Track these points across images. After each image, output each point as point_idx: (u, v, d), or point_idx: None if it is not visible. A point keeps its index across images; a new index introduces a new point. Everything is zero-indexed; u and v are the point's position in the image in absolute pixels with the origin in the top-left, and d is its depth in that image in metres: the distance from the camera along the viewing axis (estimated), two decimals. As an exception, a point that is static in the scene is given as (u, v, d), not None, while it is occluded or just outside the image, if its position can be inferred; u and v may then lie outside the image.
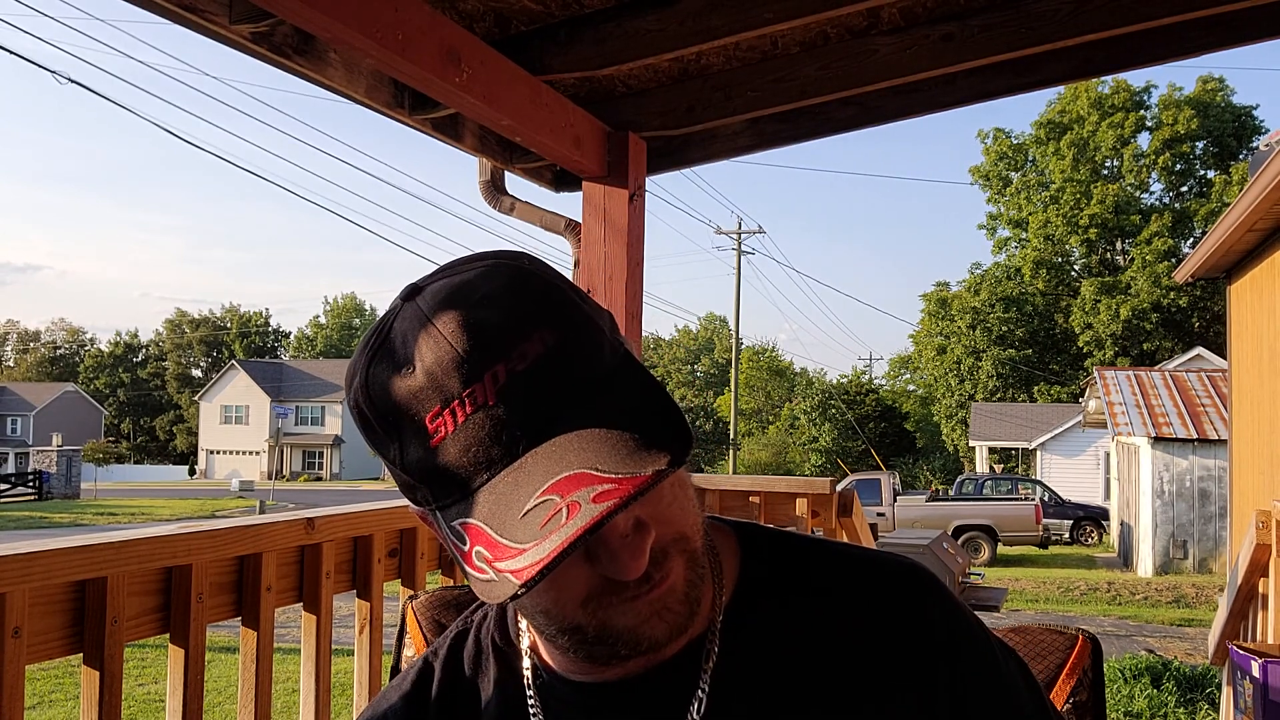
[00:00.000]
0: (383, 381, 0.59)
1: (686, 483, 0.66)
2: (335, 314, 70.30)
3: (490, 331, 0.57)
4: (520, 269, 0.62)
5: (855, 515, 2.90)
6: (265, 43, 1.69)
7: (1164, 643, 8.76)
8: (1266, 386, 7.23)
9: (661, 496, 0.63)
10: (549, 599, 0.62)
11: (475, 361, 0.56)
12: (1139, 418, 14.64)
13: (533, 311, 0.59)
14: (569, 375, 0.58)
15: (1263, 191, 6.18)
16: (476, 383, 0.56)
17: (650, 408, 0.59)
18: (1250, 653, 2.59)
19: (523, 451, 0.56)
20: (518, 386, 0.56)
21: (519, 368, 0.56)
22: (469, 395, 0.56)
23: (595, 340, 0.60)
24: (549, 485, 0.54)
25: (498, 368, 0.56)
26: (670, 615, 0.63)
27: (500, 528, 0.55)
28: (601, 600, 0.62)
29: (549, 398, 0.57)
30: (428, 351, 0.57)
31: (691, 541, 0.65)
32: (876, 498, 15.56)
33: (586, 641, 0.64)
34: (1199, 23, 2.16)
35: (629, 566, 0.60)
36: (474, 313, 0.58)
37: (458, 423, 0.56)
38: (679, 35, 1.98)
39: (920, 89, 2.41)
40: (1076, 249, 34.65)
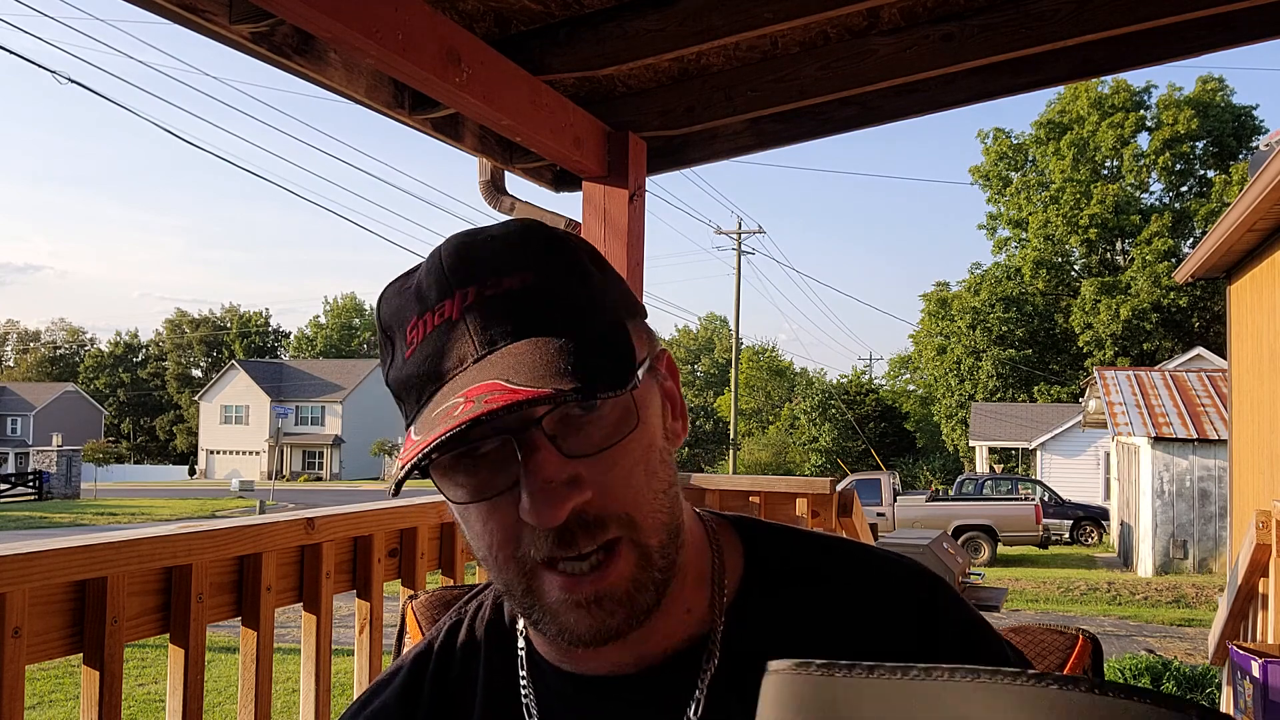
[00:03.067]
0: (388, 294, 0.66)
1: (655, 470, 0.63)
2: (335, 314, 70.31)
3: (476, 261, 0.62)
4: (537, 226, 0.65)
5: (855, 515, 2.90)
6: (265, 43, 1.69)
7: (1164, 643, 8.76)
8: (1266, 386, 7.23)
9: (612, 464, 0.60)
10: (487, 534, 0.61)
11: (453, 280, 0.62)
12: (1139, 418, 14.64)
13: (522, 256, 0.63)
14: (533, 311, 0.61)
15: (1263, 191, 6.18)
16: (448, 298, 0.61)
17: (595, 348, 0.59)
18: (1250, 653, 2.59)
19: (468, 366, 0.59)
20: (481, 306, 0.60)
21: (488, 293, 0.61)
22: (439, 308, 0.61)
23: (581, 302, 0.62)
24: (463, 390, 0.57)
25: (470, 289, 0.61)
26: (598, 613, 0.60)
27: (418, 430, 0.59)
28: (532, 559, 0.60)
29: (506, 323, 0.60)
30: (425, 271, 0.64)
31: (643, 533, 0.61)
32: (876, 498, 15.56)
33: (530, 611, 0.63)
34: (1199, 22, 2.16)
35: (542, 512, 0.57)
36: (472, 247, 0.63)
37: (426, 333, 0.62)
38: (679, 35, 1.98)
39: (920, 89, 2.41)
40: (1076, 249, 34.65)
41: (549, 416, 0.59)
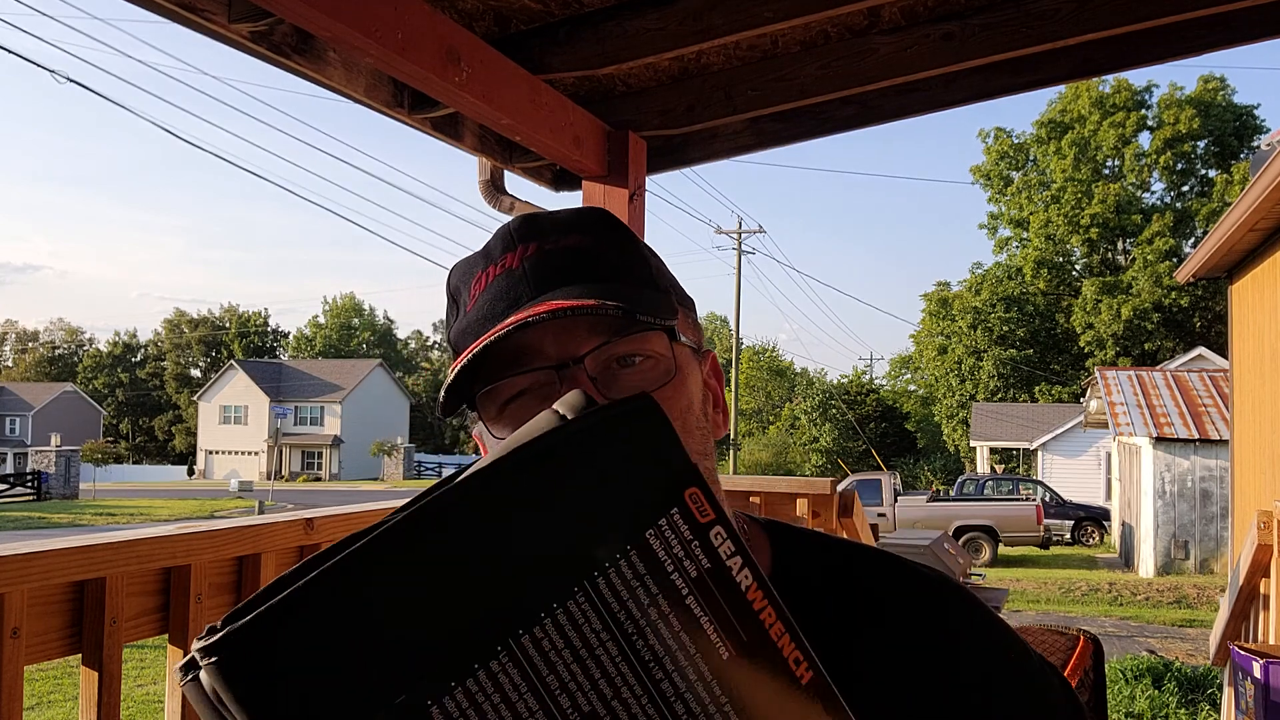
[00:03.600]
0: (458, 264, 0.72)
1: (690, 432, 0.65)
2: (334, 314, 70.31)
3: (540, 224, 0.69)
4: (603, 210, 0.72)
5: (856, 516, 2.90)
6: (264, 42, 1.69)
7: (1165, 643, 8.76)
8: (1268, 386, 7.22)
9: (648, 384, 0.63)
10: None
11: (518, 235, 0.68)
12: (1140, 418, 14.64)
13: (583, 223, 0.69)
14: (587, 264, 0.66)
15: (1264, 191, 6.17)
16: (511, 251, 0.67)
17: (640, 290, 0.65)
18: (1252, 653, 2.59)
19: (523, 305, 0.64)
20: (541, 257, 0.66)
21: (548, 247, 0.67)
22: (502, 260, 0.67)
23: (632, 263, 0.68)
24: (514, 317, 0.62)
25: (532, 244, 0.67)
26: None
27: (466, 354, 0.63)
28: None
29: (561, 271, 0.65)
30: (493, 237, 0.70)
31: None
32: (877, 498, 15.55)
33: None
34: (1199, 22, 2.16)
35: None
36: (538, 216, 0.70)
37: (488, 283, 0.67)
38: (679, 34, 1.98)
39: (921, 88, 2.41)
40: (1078, 249, 34.64)
41: (591, 357, 0.63)
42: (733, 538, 0.40)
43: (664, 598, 0.38)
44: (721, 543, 0.39)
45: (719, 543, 0.39)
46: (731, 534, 0.40)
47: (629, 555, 0.38)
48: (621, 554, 0.38)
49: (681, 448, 0.42)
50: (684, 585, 0.38)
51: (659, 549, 0.38)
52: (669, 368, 0.65)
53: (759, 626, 0.39)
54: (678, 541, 0.39)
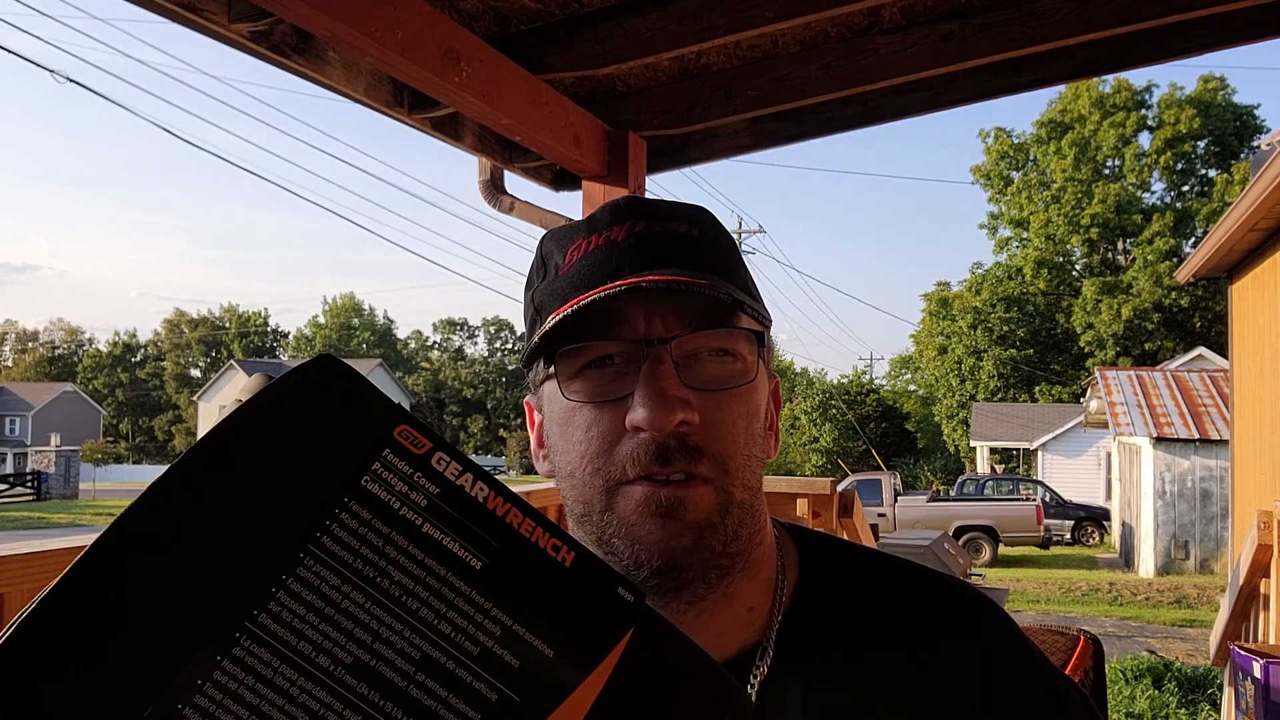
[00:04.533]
0: (555, 229, 0.71)
1: (754, 436, 0.65)
2: (334, 314, 70.31)
3: (651, 206, 0.68)
4: (709, 211, 0.71)
5: (856, 516, 2.90)
6: (264, 41, 1.69)
7: (1165, 643, 8.76)
8: (1268, 387, 7.22)
9: (721, 405, 0.63)
10: (586, 441, 0.63)
11: (626, 212, 0.67)
12: (1140, 418, 14.63)
13: (693, 216, 0.69)
14: (691, 253, 0.65)
15: (1264, 191, 6.17)
16: (618, 225, 0.66)
17: (740, 289, 0.65)
18: (1252, 653, 2.59)
19: (622, 280, 0.62)
20: (647, 236, 0.65)
21: (656, 229, 0.66)
22: (607, 231, 0.66)
23: (734, 263, 0.68)
24: (616, 284, 0.62)
25: (641, 222, 0.66)
26: (671, 526, 0.61)
27: (562, 307, 0.63)
28: (619, 476, 0.62)
29: (665, 255, 0.64)
30: (599, 208, 0.69)
31: (730, 481, 0.63)
32: (877, 498, 15.55)
33: (604, 529, 0.63)
34: (1200, 22, 2.16)
35: (655, 413, 0.60)
36: (650, 199, 0.69)
37: (588, 249, 0.66)
38: (679, 34, 1.98)
39: (921, 88, 2.41)
40: (1078, 249, 34.63)
41: (678, 341, 0.62)
42: (457, 458, 0.41)
43: (398, 534, 0.38)
44: (446, 466, 0.40)
45: (443, 467, 0.40)
46: (455, 455, 0.41)
47: (349, 506, 0.38)
48: (340, 507, 0.38)
49: (380, 395, 0.42)
50: (416, 516, 0.39)
51: (379, 491, 0.39)
52: (749, 371, 0.65)
53: (508, 529, 0.40)
54: (397, 478, 0.39)
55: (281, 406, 0.40)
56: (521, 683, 0.39)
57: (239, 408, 0.40)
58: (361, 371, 0.41)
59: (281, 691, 0.36)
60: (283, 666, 0.36)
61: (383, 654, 0.37)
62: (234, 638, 0.36)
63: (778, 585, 0.70)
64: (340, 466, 0.39)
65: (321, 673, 0.36)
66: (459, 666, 0.38)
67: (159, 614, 0.36)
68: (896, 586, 0.70)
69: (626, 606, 0.42)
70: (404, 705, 0.37)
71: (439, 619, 0.38)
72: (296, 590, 0.37)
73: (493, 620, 0.39)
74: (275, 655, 0.36)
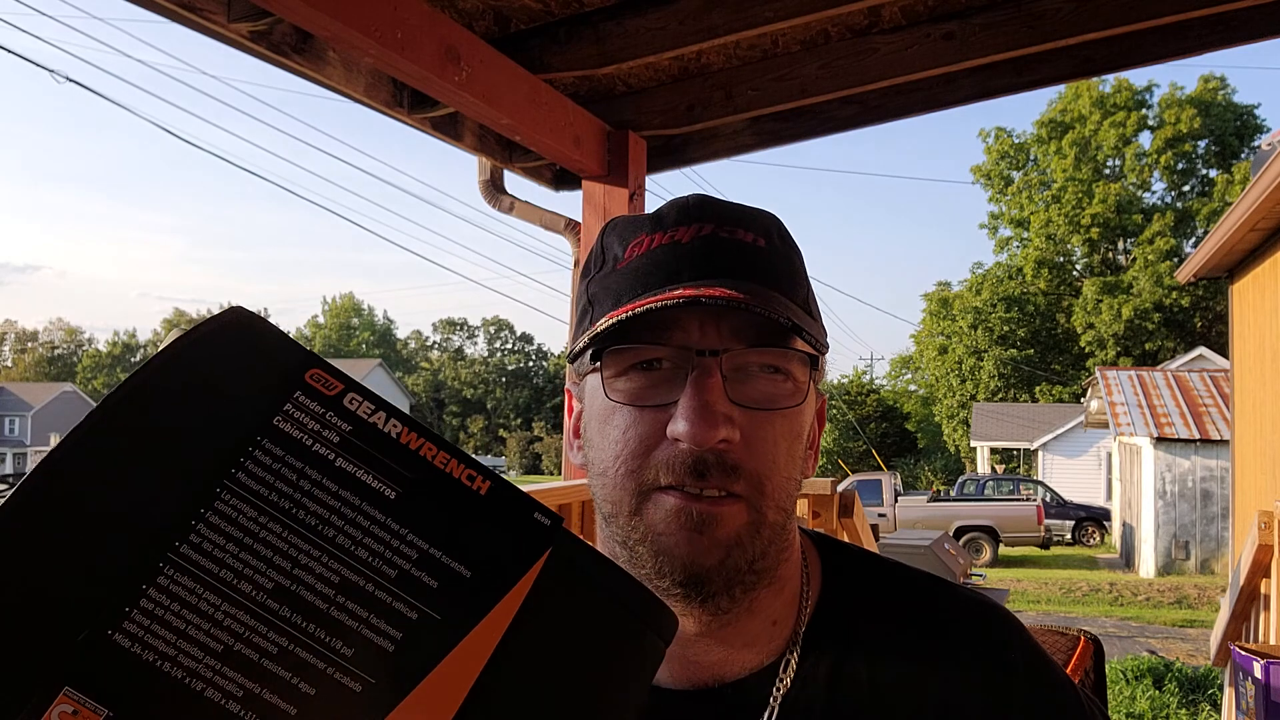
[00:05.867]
0: (619, 219, 0.69)
1: (795, 459, 0.64)
2: (334, 314, 70.32)
3: (721, 209, 0.66)
4: (779, 220, 0.69)
5: (856, 516, 2.89)
6: (264, 41, 1.69)
7: (1166, 644, 8.75)
8: (1269, 387, 7.22)
9: (765, 425, 0.61)
10: (623, 441, 0.62)
11: (694, 213, 0.65)
12: (1141, 418, 14.63)
13: (761, 224, 0.66)
14: (755, 263, 0.64)
15: (1265, 191, 6.17)
16: (684, 225, 0.64)
17: (802, 309, 0.64)
18: (1252, 654, 2.59)
19: (681, 283, 0.61)
20: (712, 240, 0.63)
21: (722, 234, 0.64)
22: (672, 231, 0.64)
23: (798, 278, 0.66)
24: (676, 291, 0.60)
25: (707, 225, 0.64)
26: (699, 542, 0.60)
27: (617, 311, 0.62)
28: (652, 481, 0.61)
29: (728, 263, 0.63)
30: (666, 205, 0.67)
31: (765, 502, 0.61)
32: (878, 498, 15.55)
33: (630, 533, 0.62)
34: (1200, 21, 2.15)
35: (697, 427, 0.58)
36: (719, 201, 0.67)
37: (650, 247, 0.64)
38: (679, 34, 1.98)
39: (921, 88, 2.41)
40: (1078, 248, 34.62)
41: (728, 355, 0.61)
42: (370, 398, 0.43)
43: (311, 468, 0.41)
44: (358, 405, 0.43)
45: (355, 406, 0.43)
46: (368, 395, 0.43)
47: (262, 444, 0.41)
48: (254, 445, 0.41)
49: (291, 341, 0.44)
50: (328, 451, 0.42)
51: (291, 429, 0.42)
52: (799, 392, 0.64)
53: (421, 461, 0.43)
54: (309, 417, 0.42)
55: (193, 353, 0.43)
56: (441, 602, 0.41)
57: (155, 355, 0.43)
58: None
59: (206, 616, 0.38)
60: (206, 593, 0.39)
61: (302, 579, 0.40)
62: (158, 567, 0.38)
63: (802, 598, 0.69)
64: (252, 408, 0.42)
65: (244, 598, 0.39)
66: (378, 589, 0.40)
67: (86, 546, 0.38)
68: (920, 600, 0.70)
69: (542, 529, 0.43)
70: (326, 625, 0.39)
71: (355, 545, 0.40)
72: (215, 522, 0.39)
73: (409, 545, 0.41)
74: (198, 583, 0.39)
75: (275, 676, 0.38)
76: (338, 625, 0.39)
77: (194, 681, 0.38)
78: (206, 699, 0.38)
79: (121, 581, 0.38)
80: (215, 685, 0.38)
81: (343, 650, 0.39)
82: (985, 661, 0.67)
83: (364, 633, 0.39)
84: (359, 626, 0.40)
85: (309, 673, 0.39)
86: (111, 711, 0.37)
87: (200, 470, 0.40)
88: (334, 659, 0.39)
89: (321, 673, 0.39)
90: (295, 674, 0.38)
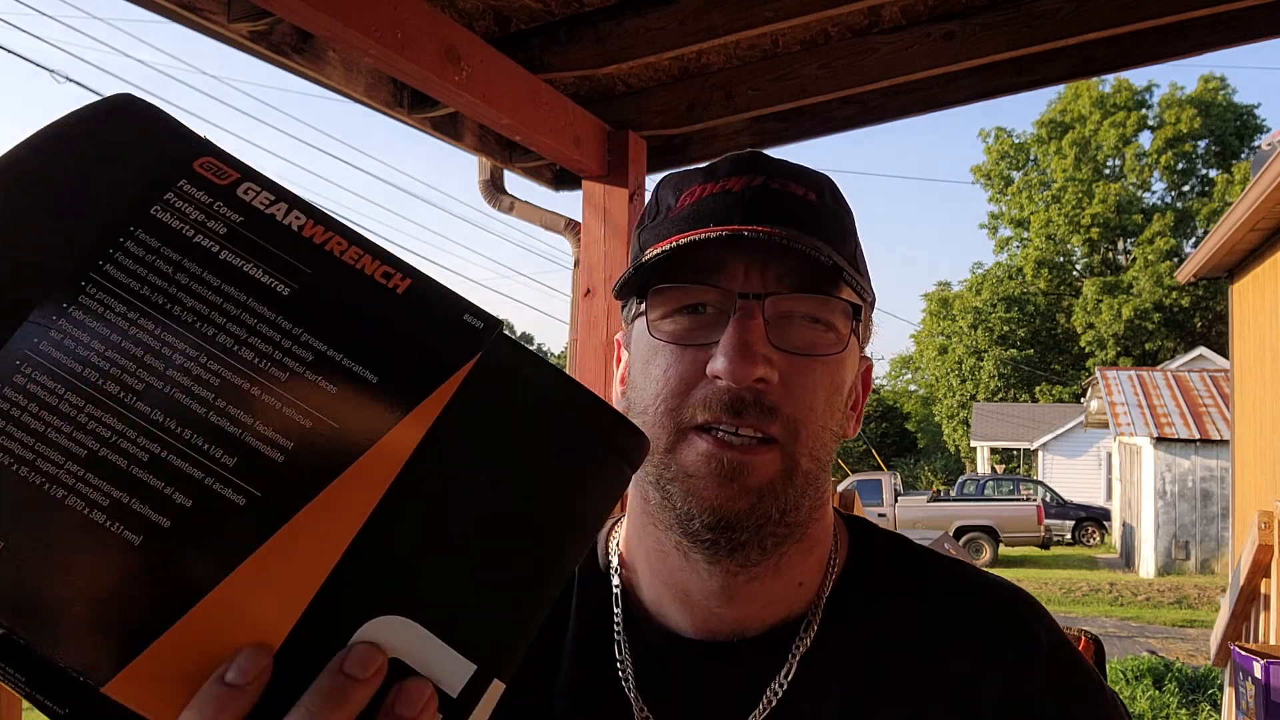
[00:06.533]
0: (673, 174, 0.70)
1: (833, 410, 0.64)
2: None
3: (774, 163, 0.67)
4: (832, 180, 0.70)
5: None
6: (264, 41, 1.69)
7: (1166, 644, 8.75)
8: (1269, 387, 7.22)
9: (804, 371, 0.62)
10: (663, 379, 0.62)
11: (747, 165, 0.66)
12: (1141, 418, 14.63)
13: (814, 181, 0.67)
14: (804, 215, 0.64)
15: (1265, 191, 6.17)
16: (736, 176, 0.65)
17: (848, 261, 0.64)
18: (1252, 654, 2.59)
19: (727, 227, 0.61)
20: (763, 191, 0.64)
21: (774, 185, 0.65)
22: (724, 181, 0.65)
23: (846, 234, 0.66)
24: (724, 227, 0.61)
25: (760, 177, 0.65)
26: (730, 488, 0.60)
27: (661, 243, 0.63)
28: (689, 421, 0.61)
29: (778, 213, 0.63)
30: (723, 157, 0.68)
31: (799, 449, 0.61)
32: (878, 498, 15.55)
33: (664, 472, 0.62)
34: (1200, 21, 2.15)
35: (735, 364, 0.59)
36: (773, 157, 0.67)
37: (701, 196, 0.65)
38: (679, 34, 1.98)
39: (921, 88, 2.41)
40: (1078, 248, 34.63)
41: (773, 300, 0.61)
42: (271, 189, 0.39)
43: (190, 260, 0.37)
44: (255, 195, 0.39)
45: (251, 196, 0.39)
46: (268, 185, 0.39)
47: (135, 235, 0.37)
48: (126, 236, 0.37)
49: (184, 129, 0.40)
50: (212, 243, 0.38)
51: (170, 219, 0.38)
52: (840, 342, 0.64)
53: (326, 256, 0.38)
54: (193, 207, 0.38)
55: (67, 136, 0.39)
56: (340, 410, 0.36)
57: (29, 135, 0.39)
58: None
59: (67, 418, 0.35)
60: (68, 394, 0.35)
61: (177, 380, 0.36)
62: (14, 365, 0.35)
63: (829, 564, 0.69)
64: (126, 197, 0.38)
65: (111, 399, 0.35)
66: (265, 393, 0.36)
67: None
68: (945, 577, 0.70)
69: (472, 332, 0.39)
70: (205, 432, 0.35)
71: (239, 345, 0.36)
72: (79, 318, 0.36)
73: (303, 346, 0.37)
74: (59, 382, 0.35)
75: (146, 485, 0.35)
76: (218, 432, 0.35)
77: (53, 488, 0.34)
78: (68, 506, 0.34)
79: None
80: (77, 493, 0.34)
81: (223, 459, 0.35)
82: (1009, 639, 0.67)
83: (248, 440, 0.35)
84: (242, 434, 0.35)
85: (185, 483, 0.35)
86: None
87: (63, 262, 0.36)
88: (213, 469, 0.35)
89: (199, 483, 0.35)
90: (168, 484, 0.35)
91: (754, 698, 0.64)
